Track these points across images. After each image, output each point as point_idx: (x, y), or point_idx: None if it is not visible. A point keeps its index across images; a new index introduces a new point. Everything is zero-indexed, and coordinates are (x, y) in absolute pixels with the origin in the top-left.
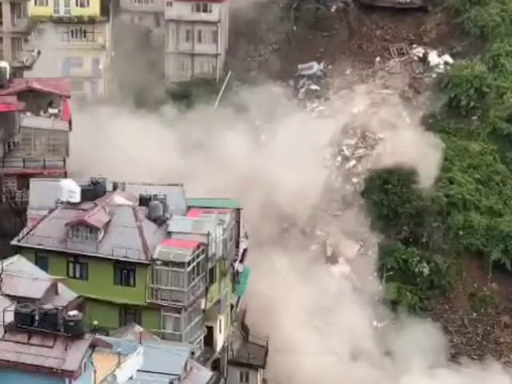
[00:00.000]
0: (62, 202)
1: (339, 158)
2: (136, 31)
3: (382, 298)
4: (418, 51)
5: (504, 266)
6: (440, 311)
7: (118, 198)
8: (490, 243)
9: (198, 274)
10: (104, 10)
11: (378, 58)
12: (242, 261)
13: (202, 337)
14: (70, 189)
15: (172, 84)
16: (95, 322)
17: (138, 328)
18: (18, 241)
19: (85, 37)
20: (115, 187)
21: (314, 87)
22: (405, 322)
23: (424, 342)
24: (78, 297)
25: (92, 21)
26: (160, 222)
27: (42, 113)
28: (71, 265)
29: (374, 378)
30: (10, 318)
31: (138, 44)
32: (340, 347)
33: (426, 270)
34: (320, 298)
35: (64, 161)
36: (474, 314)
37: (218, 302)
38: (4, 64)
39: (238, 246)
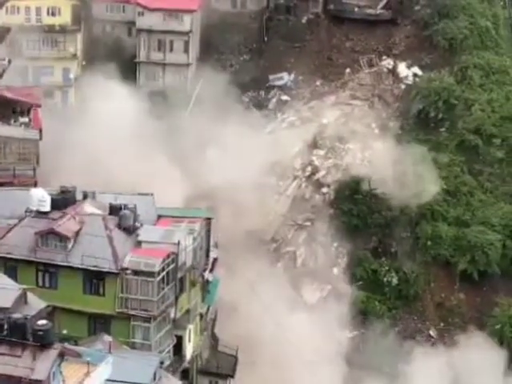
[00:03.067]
0: (31, 211)
1: (309, 168)
2: (108, 40)
3: (351, 308)
4: (388, 63)
5: (471, 276)
6: (408, 320)
7: (88, 207)
8: (457, 253)
9: (167, 284)
10: (75, 19)
11: (347, 70)
12: (211, 270)
13: (171, 346)
14: (40, 198)
15: (143, 93)
16: (64, 332)
17: (107, 337)
18: None
19: (56, 46)
20: (85, 196)
21: (284, 98)
22: (373, 331)
23: (391, 352)
24: (47, 306)
25: (63, 30)
26: (130, 231)
27: (12, 121)
28: (40, 274)
29: None
30: None
31: (109, 53)
32: (311, 356)
33: (395, 280)
34: (291, 307)
35: (34, 170)
36: (442, 324)
37: (188, 311)
38: None
39: (208, 255)
